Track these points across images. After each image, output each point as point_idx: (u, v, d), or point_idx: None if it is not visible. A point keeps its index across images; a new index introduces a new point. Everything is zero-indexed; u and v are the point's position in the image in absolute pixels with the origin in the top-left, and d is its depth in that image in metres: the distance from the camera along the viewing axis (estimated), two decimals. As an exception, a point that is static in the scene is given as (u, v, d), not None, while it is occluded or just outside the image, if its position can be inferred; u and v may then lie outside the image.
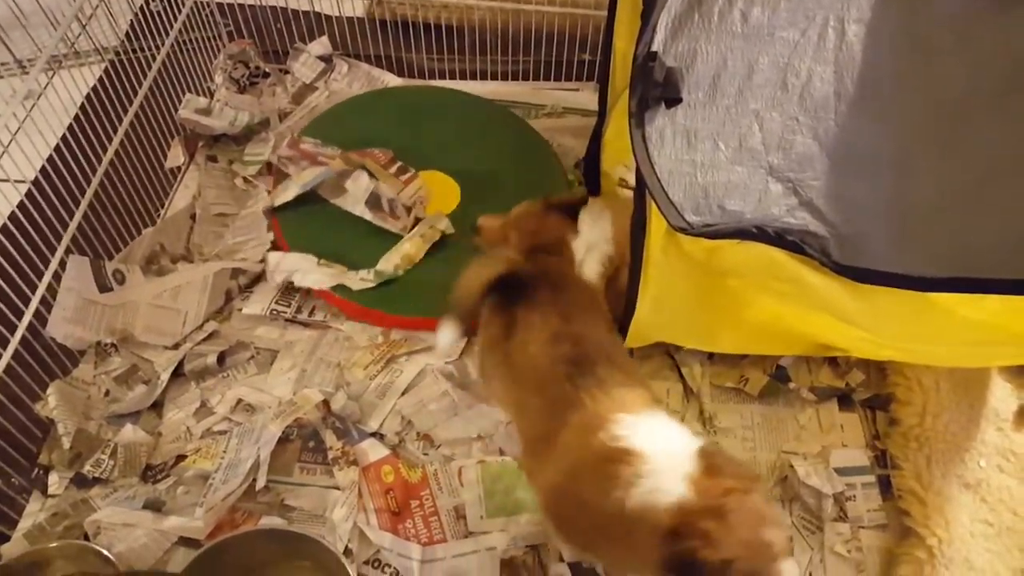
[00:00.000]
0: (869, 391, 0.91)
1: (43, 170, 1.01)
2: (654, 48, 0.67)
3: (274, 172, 1.11)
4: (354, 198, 1.05)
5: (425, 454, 0.87)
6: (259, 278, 1.04)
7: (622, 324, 0.84)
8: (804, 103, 0.70)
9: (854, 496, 0.83)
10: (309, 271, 0.98)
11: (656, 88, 0.67)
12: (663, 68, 0.67)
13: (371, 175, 1.05)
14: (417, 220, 1.05)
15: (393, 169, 1.08)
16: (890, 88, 0.70)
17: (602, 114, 1.06)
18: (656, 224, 0.73)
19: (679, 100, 0.68)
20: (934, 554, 0.78)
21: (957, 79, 0.70)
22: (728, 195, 0.69)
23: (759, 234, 0.68)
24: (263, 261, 1.02)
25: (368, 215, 1.04)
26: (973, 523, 0.80)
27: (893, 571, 0.78)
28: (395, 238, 1.03)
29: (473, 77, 1.31)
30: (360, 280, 0.97)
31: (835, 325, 0.76)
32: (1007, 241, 0.68)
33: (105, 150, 1.07)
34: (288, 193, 1.05)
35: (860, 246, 0.69)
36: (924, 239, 0.69)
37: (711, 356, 0.95)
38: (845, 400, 0.91)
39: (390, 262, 1.00)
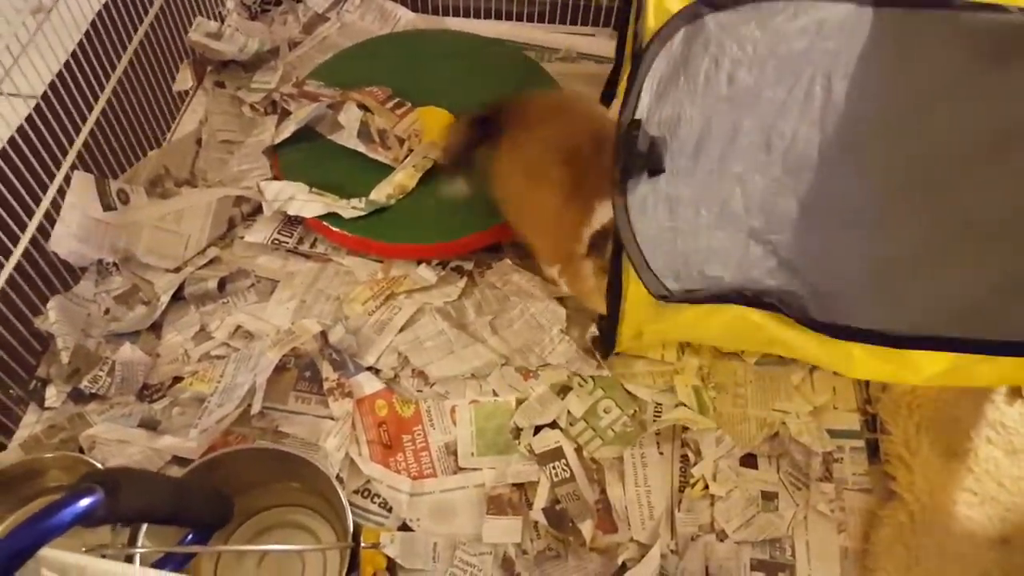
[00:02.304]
0: (865, 356, 0.91)
1: (52, 85, 1.00)
2: (638, 116, 0.66)
3: (278, 110, 1.10)
4: (346, 130, 1.04)
5: (419, 391, 0.88)
6: (262, 207, 1.03)
7: (603, 343, 0.88)
8: (787, 163, 0.69)
9: (842, 458, 0.84)
10: (300, 199, 0.97)
11: (639, 158, 0.67)
12: (647, 138, 0.67)
13: (364, 109, 1.05)
14: (411, 153, 1.05)
15: (390, 105, 1.07)
16: (873, 143, 0.70)
17: (618, 62, 1.04)
18: (635, 289, 0.74)
19: (662, 170, 0.68)
20: (915, 519, 0.79)
21: (941, 136, 0.69)
22: (708, 261, 0.71)
23: (738, 297, 0.72)
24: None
25: (360, 146, 1.03)
26: (957, 491, 0.81)
27: (873, 532, 0.79)
28: (388, 170, 1.02)
29: (488, 16, 1.29)
30: (351, 208, 0.97)
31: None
32: (980, 299, 0.71)
33: (114, 68, 1.06)
34: (286, 130, 1.05)
35: (837, 303, 0.71)
36: (899, 294, 0.72)
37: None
38: (840, 364, 0.91)
39: (382, 192, 1.00)
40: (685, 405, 0.86)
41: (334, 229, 0.97)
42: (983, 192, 0.69)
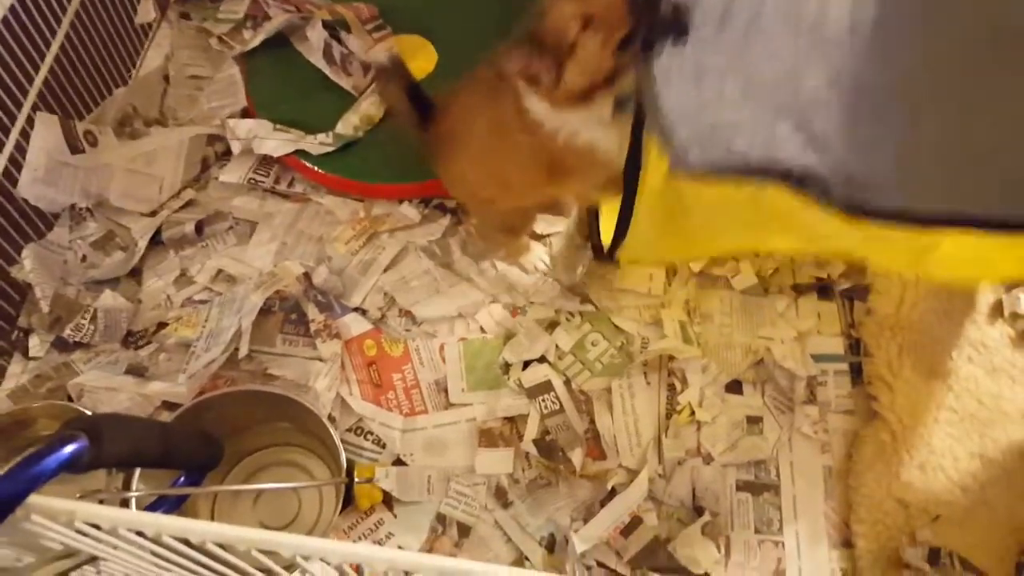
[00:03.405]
0: (849, 281, 0.93)
1: (4, 21, 0.96)
2: None
3: (255, 16, 1.08)
4: (312, 46, 1.02)
5: (407, 330, 0.89)
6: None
7: (612, 246, 0.83)
8: (815, 37, 0.67)
9: (826, 381, 0.87)
10: (266, 137, 0.96)
11: (663, 22, 0.65)
12: (670, 3, 0.65)
13: (339, 27, 1.03)
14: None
15: (370, 26, 1.05)
16: (909, 22, 0.67)
17: None
18: (655, 166, 0.72)
19: (686, 34, 0.66)
20: (896, 437, 0.82)
21: (986, 17, 0.66)
22: (734, 135, 0.68)
23: (761, 173, 0.68)
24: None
25: (324, 66, 1.01)
26: (938, 410, 0.84)
27: (856, 451, 0.82)
28: (354, 98, 1.00)
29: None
30: (319, 144, 0.95)
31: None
32: (1008, 183, 0.68)
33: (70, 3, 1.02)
34: (256, 39, 1.02)
35: (862, 186, 0.68)
36: (926, 177, 0.69)
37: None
38: (824, 290, 0.93)
39: (348, 123, 0.98)
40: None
41: (312, 167, 0.96)
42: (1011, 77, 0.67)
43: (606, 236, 0.84)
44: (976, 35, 0.68)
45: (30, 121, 0.94)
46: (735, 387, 0.86)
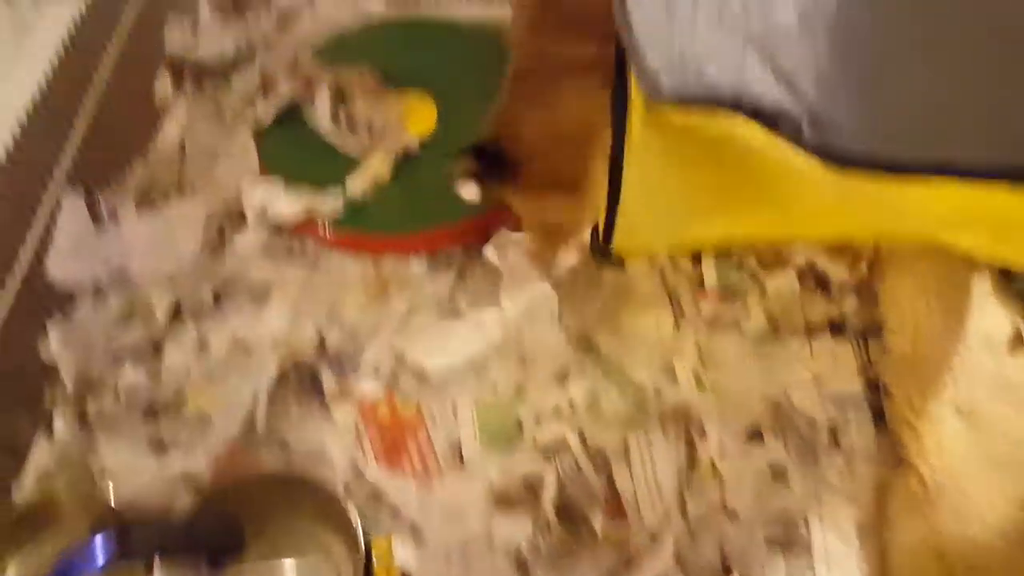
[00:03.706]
0: (862, 319, 0.82)
1: (33, 105, 0.90)
2: None
3: (266, 87, 1.01)
4: (318, 113, 0.96)
5: (419, 389, 0.80)
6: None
7: (606, 219, 0.74)
8: None
9: (848, 426, 0.76)
10: (276, 199, 0.89)
11: None
12: None
13: (342, 92, 0.96)
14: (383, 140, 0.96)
15: (372, 87, 0.98)
16: None
17: None
18: (636, 97, 0.63)
19: None
20: (927, 483, 0.71)
21: None
22: (705, 62, 0.60)
23: (733, 107, 0.59)
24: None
25: (330, 132, 0.95)
26: (967, 451, 0.73)
27: (887, 501, 0.72)
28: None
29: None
30: (329, 202, 0.89)
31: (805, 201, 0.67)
32: (983, 129, 0.59)
33: (93, 82, 0.96)
34: (269, 113, 0.97)
35: (834, 125, 0.60)
36: (901, 120, 0.60)
37: (701, 282, 0.86)
38: (837, 328, 0.82)
39: (357, 183, 0.91)
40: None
41: (323, 228, 0.89)
42: (993, 22, 0.58)
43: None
44: None
45: (57, 201, 0.88)
46: (755, 436, 0.76)
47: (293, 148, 0.96)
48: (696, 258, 0.88)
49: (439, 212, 0.89)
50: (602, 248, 0.79)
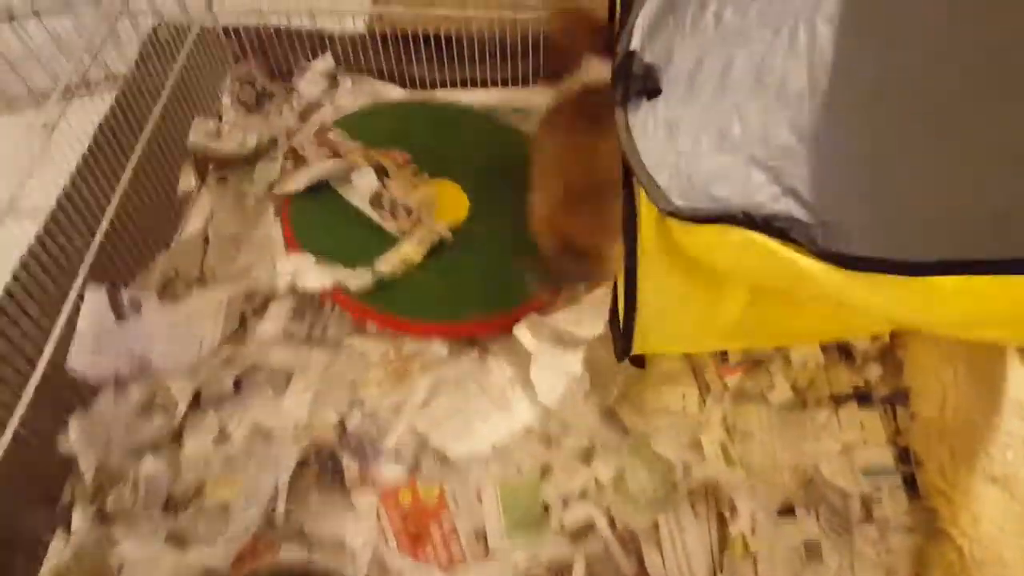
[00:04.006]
0: (887, 387, 0.82)
1: (59, 203, 0.94)
2: (632, 47, 0.64)
3: (292, 157, 1.05)
4: (358, 192, 0.99)
5: (442, 474, 0.80)
6: (272, 298, 0.96)
7: (624, 327, 0.75)
8: (780, 96, 0.65)
9: (880, 497, 0.75)
10: (307, 271, 0.91)
11: (636, 81, 0.64)
12: (641, 64, 0.64)
13: (381, 174, 1.00)
14: (418, 225, 0.98)
15: (409, 171, 1.02)
16: (862, 83, 0.65)
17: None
18: (646, 213, 0.67)
19: (659, 91, 0.65)
20: (964, 554, 0.70)
21: (933, 68, 0.63)
22: (713, 182, 0.64)
23: (746, 219, 0.62)
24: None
25: (369, 211, 0.98)
26: (1004, 519, 0.72)
27: (924, 573, 0.70)
28: (395, 240, 0.96)
29: (474, 85, 1.22)
30: (358, 278, 0.91)
31: (832, 308, 0.71)
32: (985, 220, 0.61)
33: (119, 178, 1.00)
34: (299, 181, 0.99)
35: (844, 231, 0.62)
36: (904, 222, 0.63)
37: (725, 356, 0.86)
38: (864, 397, 0.82)
39: (388, 263, 0.93)
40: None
41: (352, 299, 0.90)
42: (975, 115, 0.62)
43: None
44: (941, 83, 0.63)
45: (80, 295, 0.90)
46: (787, 511, 0.75)
47: (323, 222, 0.98)
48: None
49: (468, 301, 0.92)
50: (623, 350, 0.81)
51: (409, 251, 0.94)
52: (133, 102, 1.05)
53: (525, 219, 0.91)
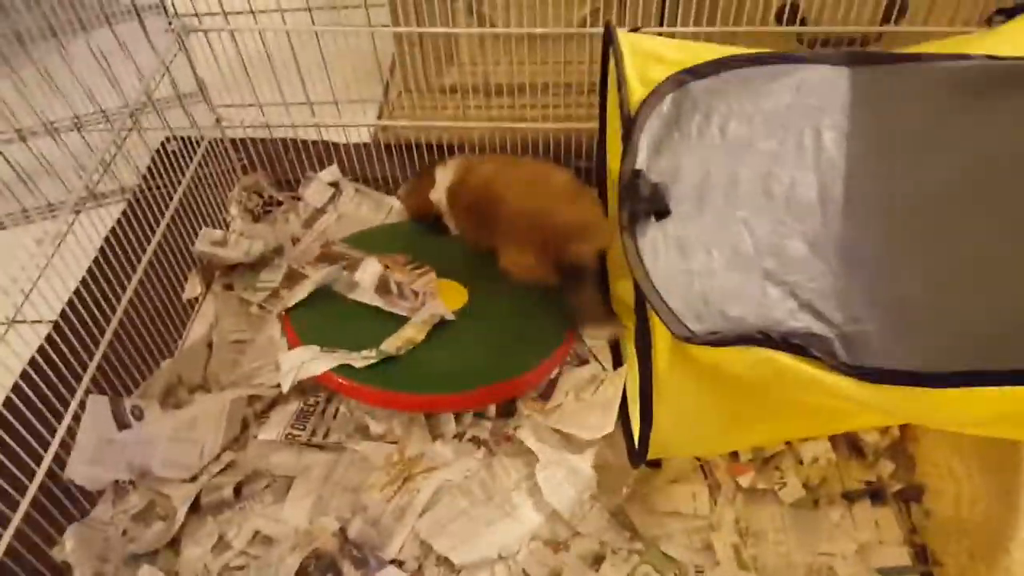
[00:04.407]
0: (900, 482, 0.83)
1: (65, 310, 0.97)
2: (637, 166, 0.66)
3: (291, 277, 1.09)
4: (364, 284, 1.03)
5: (447, 580, 0.79)
6: (275, 403, 0.98)
7: (641, 436, 0.76)
8: (790, 208, 0.68)
9: (900, 600, 0.74)
10: (312, 360, 0.93)
11: (644, 203, 0.66)
12: (648, 183, 0.66)
13: (384, 267, 1.05)
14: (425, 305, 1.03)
15: (408, 268, 1.07)
16: (871, 188, 0.68)
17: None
18: (660, 336, 0.68)
19: (667, 212, 0.66)
20: (993, 659, 0.68)
21: (934, 175, 0.67)
22: (727, 301, 0.65)
23: (764, 339, 0.63)
24: (278, 386, 0.96)
25: (378, 301, 1.01)
26: (1030, 621, 0.71)
27: None
28: (399, 322, 1.00)
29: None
30: (363, 359, 0.93)
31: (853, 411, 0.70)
32: (1000, 329, 0.63)
33: (126, 287, 1.04)
34: (302, 291, 1.03)
35: (863, 344, 0.64)
36: (922, 332, 0.65)
37: (735, 454, 0.87)
38: (877, 494, 0.82)
39: (392, 344, 0.96)
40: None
41: (356, 384, 0.91)
42: (983, 219, 0.66)
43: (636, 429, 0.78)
44: (943, 188, 0.67)
45: (81, 404, 0.91)
46: (804, 615, 0.74)
47: (324, 321, 1.01)
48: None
49: (470, 375, 0.94)
50: (637, 459, 0.82)
51: (411, 333, 0.98)
52: (141, 212, 1.10)
53: (520, 302, 1.02)
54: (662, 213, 0.67)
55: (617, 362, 0.98)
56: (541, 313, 1.02)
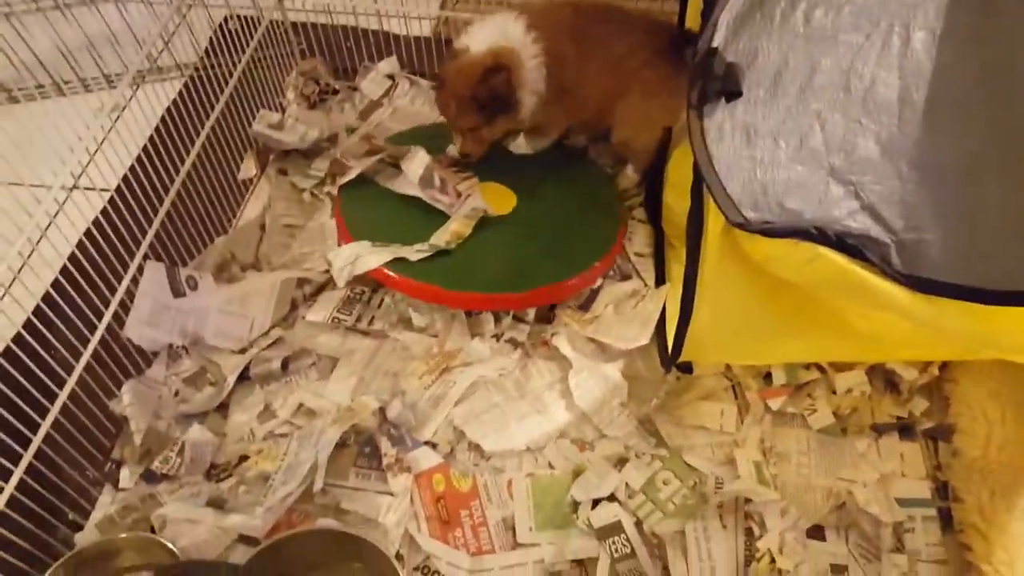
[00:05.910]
0: (931, 421, 0.89)
1: (125, 179, 1.07)
2: (715, 44, 0.67)
3: (337, 167, 1.16)
4: (408, 178, 1.09)
5: (475, 464, 0.89)
6: (323, 287, 1.07)
7: (676, 332, 0.82)
8: (867, 107, 0.68)
9: (913, 528, 0.81)
10: (365, 255, 1.00)
11: (716, 82, 0.67)
12: (723, 63, 0.67)
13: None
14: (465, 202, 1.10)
15: (452, 170, 1.13)
16: (957, 97, 0.68)
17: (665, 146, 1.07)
18: (713, 222, 0.71)
19: (739, 94, 0.68)
20: (996, 591, 0.76)
21: None
22: (788, 193, 0.67)
23: (819, 235, 0.65)
24: (327, 271, 1.05)
25: (420, 192, 1.07)
26: (1039, 561, 0.77)
27: (952, 608, 0.76)
28: (444, 219, 1.06)
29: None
30: (416, 252, 1.00)
31: (898, 323, 0.72)
32: None
33: (183, 161, 1.13)
34: (351, 173, 1.10)
35: (922, 254, 0.65)
36: (989, 252, 0.65)
37: (769, 378, 0.94)
38: (906, 429, 0.89)
39: (441, 238, 1.03)
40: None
41: (406, 279, 0.99)
42: None
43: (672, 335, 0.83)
44: None
45: (140, 268, 1.02)
46: (817, 532, 0.82)
47: (373, 214, 1.09)
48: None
49: (514, 278, 1.01)
50: (670, 359, 0.88)
51: (458, 227, 1.05)
52: (200, 90, 1.17)
53: (568, 211, 1.10)
54: (733, 95, 0.68)
55: (660, 280, 1.04)
56: (588, 223, 1.09)
